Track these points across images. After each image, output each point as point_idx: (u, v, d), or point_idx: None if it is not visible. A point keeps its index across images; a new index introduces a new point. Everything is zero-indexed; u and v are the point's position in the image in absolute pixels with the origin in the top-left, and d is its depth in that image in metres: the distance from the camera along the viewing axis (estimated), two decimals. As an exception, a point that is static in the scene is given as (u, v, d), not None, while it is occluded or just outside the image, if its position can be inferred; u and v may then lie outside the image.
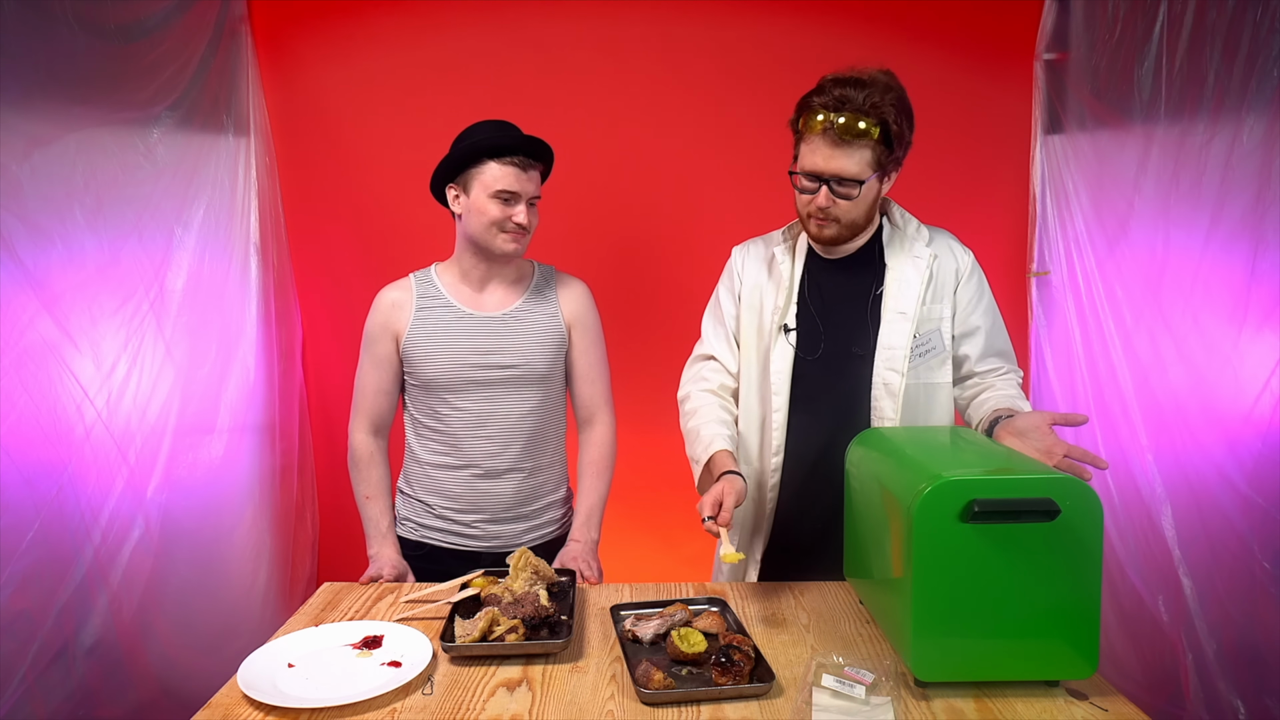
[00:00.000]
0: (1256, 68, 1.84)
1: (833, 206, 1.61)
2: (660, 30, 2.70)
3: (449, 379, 1.83)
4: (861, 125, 1.54)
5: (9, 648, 1.67)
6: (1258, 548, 1.85)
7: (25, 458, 1.73)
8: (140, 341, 2.08)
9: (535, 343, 1.86)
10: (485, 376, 1.83)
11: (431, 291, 1.88)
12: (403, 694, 1.25)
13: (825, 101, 1.57)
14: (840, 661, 1.28)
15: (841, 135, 1.55)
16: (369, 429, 1.91)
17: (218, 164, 2.43)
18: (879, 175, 1.61)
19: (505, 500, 1.87)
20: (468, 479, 1.86)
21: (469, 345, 1.83)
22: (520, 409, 1.85)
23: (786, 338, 1.73)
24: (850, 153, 1.56)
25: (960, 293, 1.73)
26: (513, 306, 1.87)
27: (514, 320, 1.86)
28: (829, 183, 1.60)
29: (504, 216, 1.77)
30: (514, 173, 1.76)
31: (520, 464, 1.87)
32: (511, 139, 1.79)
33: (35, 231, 1.77)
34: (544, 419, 1.90)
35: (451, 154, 1.80)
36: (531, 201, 1.81)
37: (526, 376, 1.85)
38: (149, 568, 2.07)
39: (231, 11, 2.52)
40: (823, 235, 1.67)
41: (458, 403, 1.84)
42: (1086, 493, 1.19)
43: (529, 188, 1.79)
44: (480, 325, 1.84)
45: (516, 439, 1.86)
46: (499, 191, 1.76)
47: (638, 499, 2.84)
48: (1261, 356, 1.85)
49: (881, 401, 1.69)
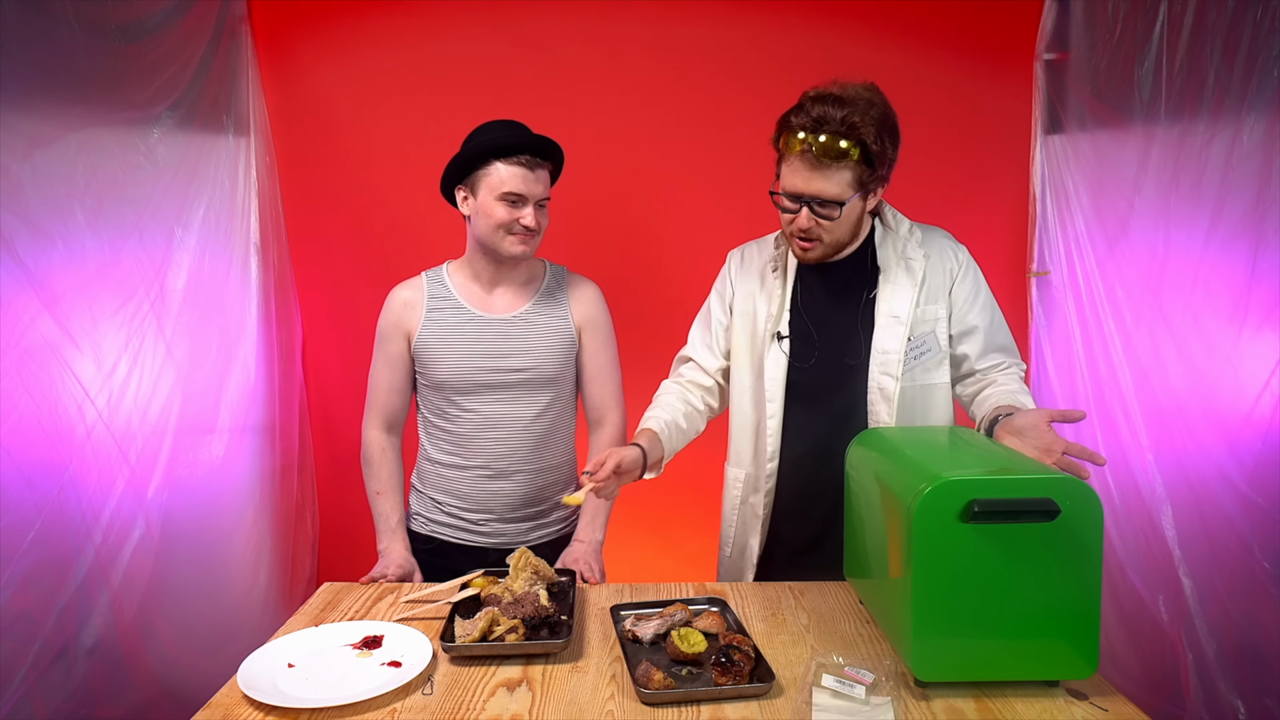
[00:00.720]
0: (1256, 68, 1.84)
1: (815, 227, 1.60)
2: (660, 30, 2.70)
3: (458, 381, 1.83)
4: (841, 145, 1.52)
5: (10, 648, 1.67)
6: (1258, 548, 1.85)
7: (26, 458, 1.72)
8: (141, 341, 2.08)
9: (545, 346, 1.85)
10: (495, 379, 1.83)
11: (442, 291, 1.88)
12: (403, 694, 1.25)
13: (803, 122, 1.54)
14: (840, 661, 1.28)
15: (820, 157, 1.53)
16: (382, 426, 1.92)
17: (218, 164, 2.43)
18: (861, 194, 1.60)
19: (513, 500, 1.88)
20: (476, 478, 1.86)
21: (479, 348, 1.83)
22: (530, 411, 1.85)
23: (779, 345, 1.73)
24: (829, 174, 1.54)
25: (956, 291, 1.72)
26: (523, 309, 1.87)
27: (524, 323, 1.86)
28: (810, 204, 1.58)
29: (511, 219, 1.76)
30: (521, 174, 1.75)
31: (529, 464, 1.87)
32: (517, 138, 1.78)
33: (36, 231, 1.77)
34: (554, 420, 1.90)
35: (459, 155, 1.80)
36: (541, 203, 1.80)
37: (536, 379, 1.85)
38: (150, 568, 2.07)
39: (232, 11, 2.52)
40: (807, 257, 1.67)
41: (467, 404, 1.84)
42: (1086, 493, 1.19)
43: (536, 189, 1.78)
44: (490, 327, 1.84)
45: (526, 440, 1.86)
46: (506, 193, 1.75)
47: (638, 499, 2.84)
48: (1262, 356, 1.85)
49: (877, 406, 1.69)
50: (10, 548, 1.67)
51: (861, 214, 1.65)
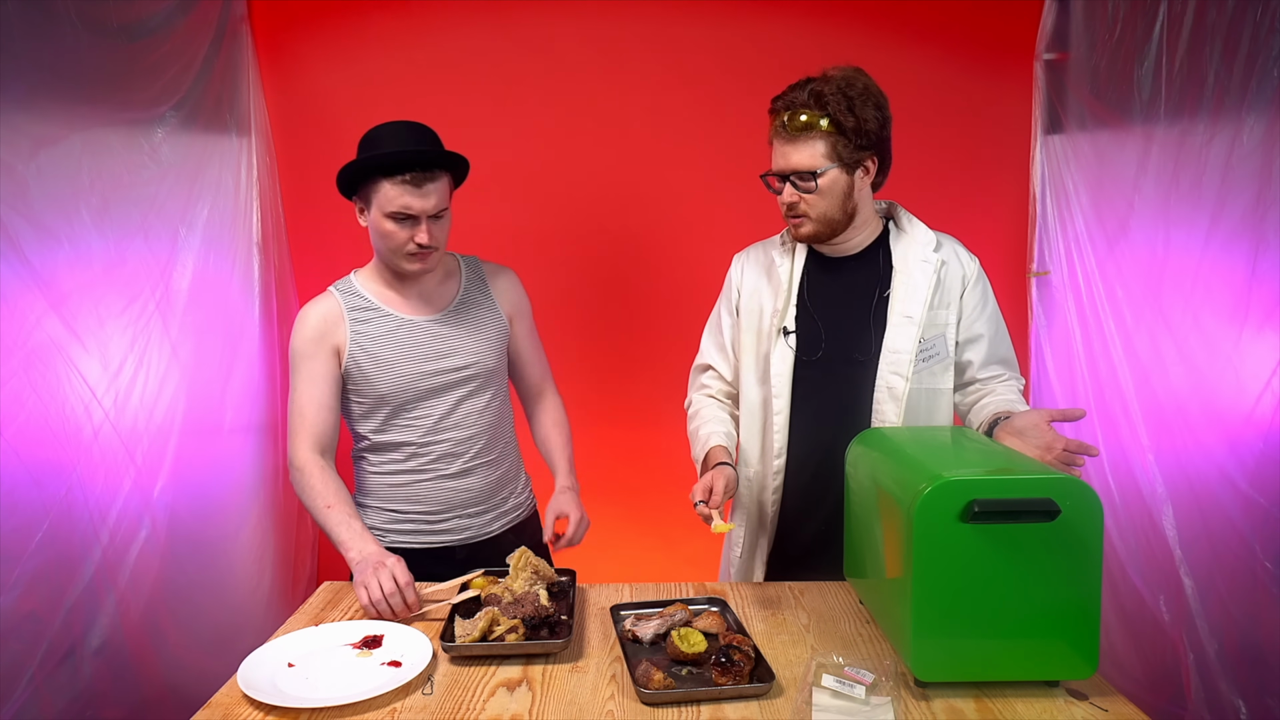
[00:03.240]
0: (1256, 68, 1.84)
1: (799, 202, 1.65)
2: (660, 30, 2.70)
3: (403, 390, 1.74)
4: (803, 118, 1.61)
5: (16, 649, 1.66)
6: (1259, 547, 1.85)
7: (34, 458, 1.72)
8: (147, 341, 2.08)
9: (480, 340, 1.81)
10: (438, 381, 1.76)
11: (361, 302, 1.76)
12: (403, 694, 1.25)
13: (777, 105, 1.65)
14: (840, 661, 1.28)
15: (791, 131, 1.62)
16: (314, 448, 1.70)
17: (221, 164, 2.44)
18: (841, 166, 1.62)
19: (474, 494, 1.83)
20: (435, 481, 1.80)
21: (416, 352, 1.75)
22: (477, 405, 1.81)
23: (786, 340, 1.73)
24: (800, 146, 1.62)
25: (965, 299, 1.72)
26: (450, 307, 1.80)
27: (455, 319, 1.80)
28: (790, 179, 1.64)
29: (405, 238, 1.65)
30: (408, 191, 1.61)
31: (484, 457, 1.84)
32: (399, 154, 1.62)
33: (42, 231, 1.76)
34: (498, 411, 1.87)
35: (344, 168, 1.66)
36: (437, 215, 1.67)
37: (478, 374, 1.81)
38: (156, 568, 2.07)
39: (233, 11, 2.52)
40: (800, 233, 1.70)
41: (417, 411, 1.76)
42: (1086, 493, 1.19)
43: (429, 203, 1.63)
44: (422, 329, 1.76)
45: (478, 436, 1.82)
46: (394, 212, 1.63)
47: (638, 499, 2.84)
48: (1262, 356, 1.85)
49: (885, 406, 1.68)
50: (18, 548, 1.67)
51: (848, 190, 1.65)
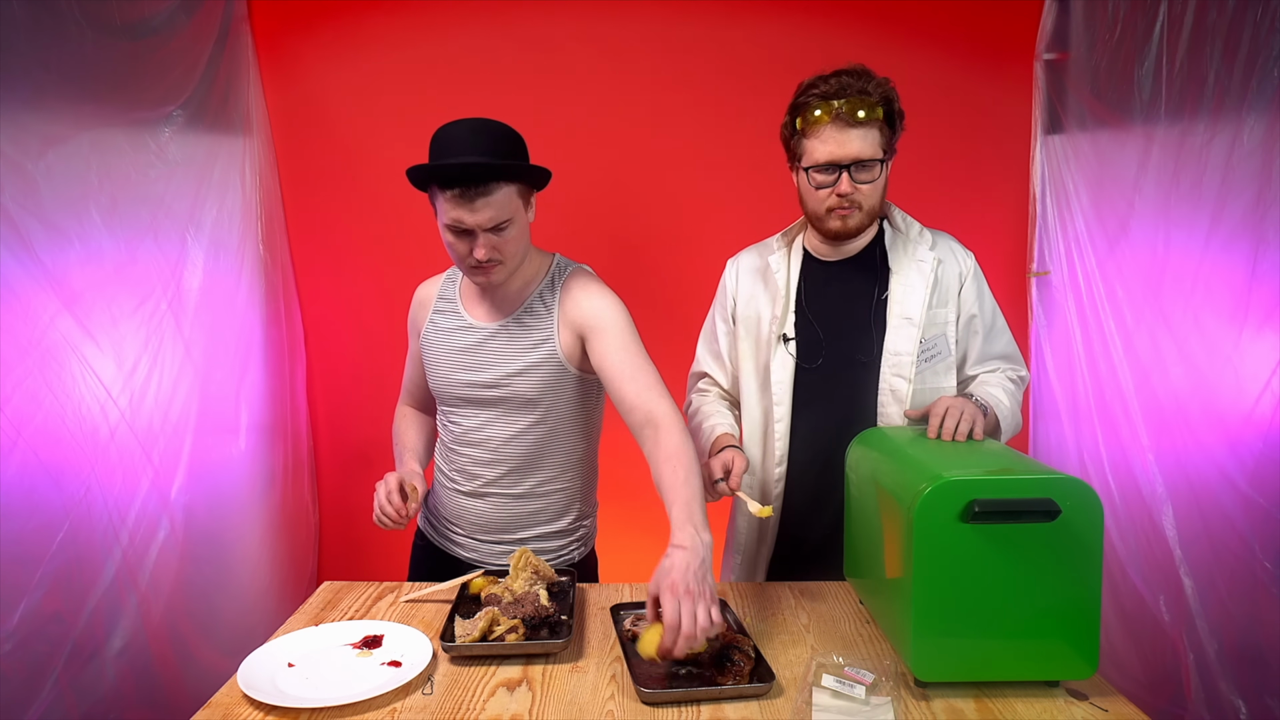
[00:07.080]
0: (1256, 68, 1.84)
1: (855, 192, 1.61)
2: (660, 30, 2.70)
3: (441, 391, 1.72)
4: (868, 105, 1.56)
5: (41, 650, 1.65)
6: (1259, 548, 1.85)
7: (52, 458, 1.71)
8: (160, 341, 2.08)
9: (517, 364, 1.63)
10: (469, 394, 1.68)
11: (450, 291, 1.74)
12: (403, 694, 1.25)
13: (825, 91, 1.58)
14: (840, 661, 1.28)
15: (852, 118, 1.56)
16: (407, 403, 1.90)
17: (227, 163, 2.44)
18: (888, 158, 1.63)
19: (482, 520, 1.72)
20: (452, 492, 1.76)
21: (457, 359, 1.68)
22: (505, 432, 1.66)
23: (785, 347, 1.72)
24: (864, 134, 1.58)
25: (963, 295, 1.72)
26: (504, 320, 1.66)
27: (506, 333, 1.65)
28: (848, 169, 1.59)
29: (465, 251, 1.54)
30: (459, 205, 1.48)
31: (502, 488, 1.69)
32: (449, 167, 1.48)
33: (53, 230, 1.76)
34: (536, 446, 1.67)
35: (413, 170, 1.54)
36: (499, 227, 1.52)
37: (511, 399, 1.64)
38: (174, 569, 2.07)
39: (235, 12, 2.53)
40: (848, 225, 1.65)
41: (454, 415, 1.72)
42: (1087, 493, 1.19)
43: (481, 218, 1.49)
44: (472, 336, 1.68)
45: (499, 463, 1.68)
46: (449, 224, 1.52)
47: (638, 499, 2.83)
48: (1262, 356, 1.85)
49: (889, 408, 1.68)
50: (40, 549, 1.66)
51: (887, 182, 1.66)
